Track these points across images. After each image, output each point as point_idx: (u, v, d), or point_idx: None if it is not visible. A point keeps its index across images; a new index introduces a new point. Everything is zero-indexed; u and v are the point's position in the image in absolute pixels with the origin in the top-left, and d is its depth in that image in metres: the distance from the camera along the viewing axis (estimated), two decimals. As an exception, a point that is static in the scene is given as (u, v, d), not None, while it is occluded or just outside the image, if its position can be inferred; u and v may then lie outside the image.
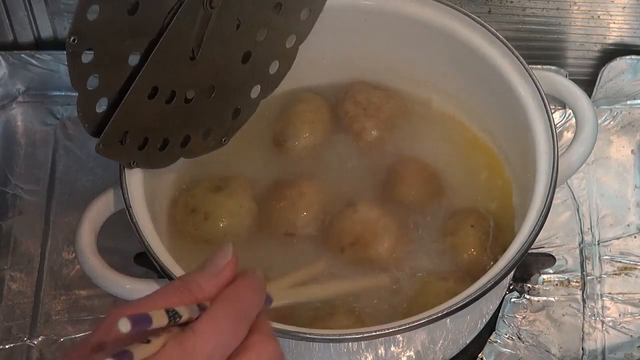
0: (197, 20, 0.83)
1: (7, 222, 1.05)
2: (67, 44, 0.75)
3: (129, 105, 0.82)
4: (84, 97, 0.80)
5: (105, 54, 0.78)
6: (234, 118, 0.92)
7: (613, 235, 1.04)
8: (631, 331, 0.99)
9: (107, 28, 0.77)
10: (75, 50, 0.76)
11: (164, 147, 0.88)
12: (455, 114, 1.01)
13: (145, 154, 0.86)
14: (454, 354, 0.95)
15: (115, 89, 0.81)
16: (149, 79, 0.82)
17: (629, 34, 1.09)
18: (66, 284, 1.02)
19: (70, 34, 0.75)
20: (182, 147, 0.89)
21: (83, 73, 0.78)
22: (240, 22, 0.87)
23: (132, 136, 0.84)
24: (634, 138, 1.10)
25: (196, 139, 0.90)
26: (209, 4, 0.82)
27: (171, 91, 0.85)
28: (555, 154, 0.87)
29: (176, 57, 0.83)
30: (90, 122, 0.81)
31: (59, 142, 1.10)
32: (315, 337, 0.81)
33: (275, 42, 0.91)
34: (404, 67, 1.01)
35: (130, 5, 0.78)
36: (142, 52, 0.81)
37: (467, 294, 0.81)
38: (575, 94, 0.93)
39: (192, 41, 0.84)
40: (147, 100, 0.83)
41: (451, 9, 0.94)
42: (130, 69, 0.81)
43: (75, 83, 0.78)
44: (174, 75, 0.84)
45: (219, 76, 0.88)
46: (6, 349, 0.99)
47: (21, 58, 1.11)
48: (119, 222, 0.87)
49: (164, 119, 0.86)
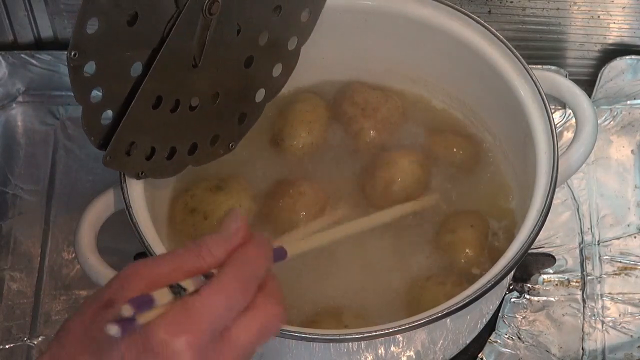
0: (197, 28, 0.83)
1: (7, 222, 1.06)
2: (68, 59, 0.75)
3: (134, 116, 0.82)
4: (88, 110, 0.80)
5: (107, 66, 0.78)
6: (240, 123, 0.92)
7: (613, 235, 1.04)
8: (631, 331, 0.99)
9: (108, 40, 0.77)
10: (77, 65, 0.76)
11: (172, 156, 0.87)
12: (455, 113, 1.01)
13: (152, 163, 0.86)
14: (454, 354, 0.95)
15: (119, 100, 0.81)
16: (152, 88, 0.82)
17: (629, 34, 1.09)
18: (66, 284, 1.02)
19: (71, 49, 0.75)
20: (190, 155, 0.89)
21: (86, 86, 0.78)
22: (241, 27, 0.86)
23: (138, 147, 0.84)
24: (634, 138, 1.10)
25: (204, 146, 0.90)
26: (208, 11, 0.82)
27: (175, 100, 0.85)
28: (555, 154, 0.87)
29: (178, 66, 0.83)
30: (96, 135, 0.81)
31: (59, 142, 1.10)
32: (315, 337, 0.81)
33: (277, 45, 0.91)
34: (403, 67, 1.01)
35: (129, 16, 0.78)
36: (145, 62, 0.81)
37: (467, 294, 0.81)
38: (575, 94, 0.93)
39: (193, 49, 0.83)
40: (152, 110, 0.83)
41: (451, 9, 0.94)
42: (133, 80, 0.81)
43: (78, 97, 0.78)
44: (177, 83, 0.84)
45: (223, 82, 0.88)
46: (6, 349, 0.99)
47: (21, 58, 1.11)
48: (119, 222, 0.87)
49: (170, 128, 0.85)
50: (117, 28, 0.77)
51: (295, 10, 0.91)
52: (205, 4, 0.81)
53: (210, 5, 0.82)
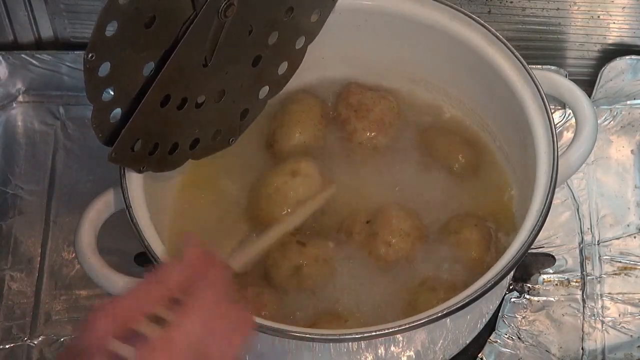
0: (211, 30, 0.83)
1: (7, 222, 1.06)
2: (85, 60, 0.76)
3: (142, 114, 0.82)
4: (99, 109, 0.80)
5: (121, 66, 0.79)
6: (242, 118, 0.93)
7: (613, 235, 1.04)
8: (631, 331, 0.99)
9: (124, 42, 0.77)
10: (93, 66, 0.77)
11: (173, 151, 0.88)
12: (454, 113, 1.01)
13: (155, 158, 0.86)
14: (454, 354, 0.95)
15: (129, 98, 0.81)
16: (162, 88, 0.82)
17: (629, 34, 1.09)
18: (66, 284, 1.02)
19: (88, 51, 0.75)
20: (191, 150, 0.89)
21: (99, 86, 0.79)
22: (253, 28, 0.87)
23: (143, 142, 0.84)
24: (633, 138, 1.10)
25: (205, 140, 0.90)
26: (224, 13, 0.82)
27: (182, 98, 0.85)
28: (555, 154, 0.87)
29: (190, 66, 0.83)
30: (104, 132, 0.82)
31: (59, 142, 1.11)
32: (315, 337, 0.81)
33: (285, 44, 0.92)
34: (403, 67, 1.01)
35: (147, 18, 0.78)
36: (157, 62, 0.81)
37: (467, 294, 0.81)
38: (575, 94, 0.93)
39: (205, 49, 0.84)
40: (160, 107, 0.83)
41: (451, 9, 0.94)
42: (144, 79, 0.81)
43: (91, 96, 0.79)
44: (187, 82, 0.84)
45: (230, 80, 0.88)
46: (6, 349, 0.99)
47: (21, 58, 1.11)
48: (119, 222, 0.87)
49: (174, 124, 0.86)
50: (134, 30, 0.78)
51: (306, 12, 0.91)
52: (222, 7, 0.82)
53: (226, 8, 0.82)
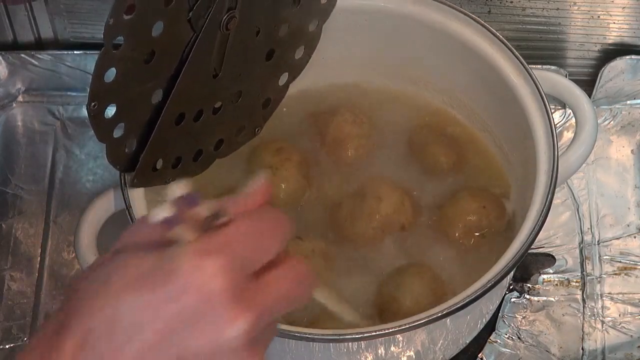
0: (216, 44, 0.81)
1: (7, 222, 1.06)
2: (88, 109, 0.75)
3: (158, 138, 0.81)
4: (112, 146, 0.79)
5: (127, 103, 0.78)
6: (265, 108, 0.92)
7: (613, 235, 1.04)
8: (631, 331, 0.99)
9: (126, 82, 0.76)
10: (97, 112, 0.76)
11: (198, 157, 0.87)
12: (454, 114, 1.01)
13: (179, 169, 0.86)
14: (454, 354, 0.95)
15: (140, 126, 0.80)
16: (174, 109, 0.81)
17: (629, 34, 1.09)
18: (66, 284, 1.02)
19: (90, 100, 0.75)
20: (216, 150, 0.89)
21: (108, 127, 0.78)
22: (260, 29, 0.85)
23: (164, 161, 0.84)
24: (634, 138, 1.10)
25: (229, 139, 0.89)
26: (225, 27, 0.81)
27: (198, 110, 0.84)
28: (555, 154, 0.87)
29: (199, 81, 0.82)
30: (121, 164, 0.81)
31: (59, 142, 1.10)
32: (315, 337, 0.80)
33: (297, 32, 0.90)
34: (403, 67, 1.01)
35: (146, 55, 0.77)
36: (165, 87, 0.80)
37: (467, 294, 0.81)
38: (575, 94, 0.93)
39: (213, 62, 0.82)
40: (175, 126, 0.82)
41: (451, 9, 0.94)
42: (154, 106, 0.80)
43: (101, 138, 0.78)
44: (199, 96, 0.83)
45: (245, 80, 0.87)
46: (6, 349, 0.99)
47: (21, 58, 1.11)
48: (119, 222, 0.87)
49: (194, 135, 0.85)
50: (135, 69, 0.76)
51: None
52: (223, 22, 0.80)
53: (227, 21, 0.80)
